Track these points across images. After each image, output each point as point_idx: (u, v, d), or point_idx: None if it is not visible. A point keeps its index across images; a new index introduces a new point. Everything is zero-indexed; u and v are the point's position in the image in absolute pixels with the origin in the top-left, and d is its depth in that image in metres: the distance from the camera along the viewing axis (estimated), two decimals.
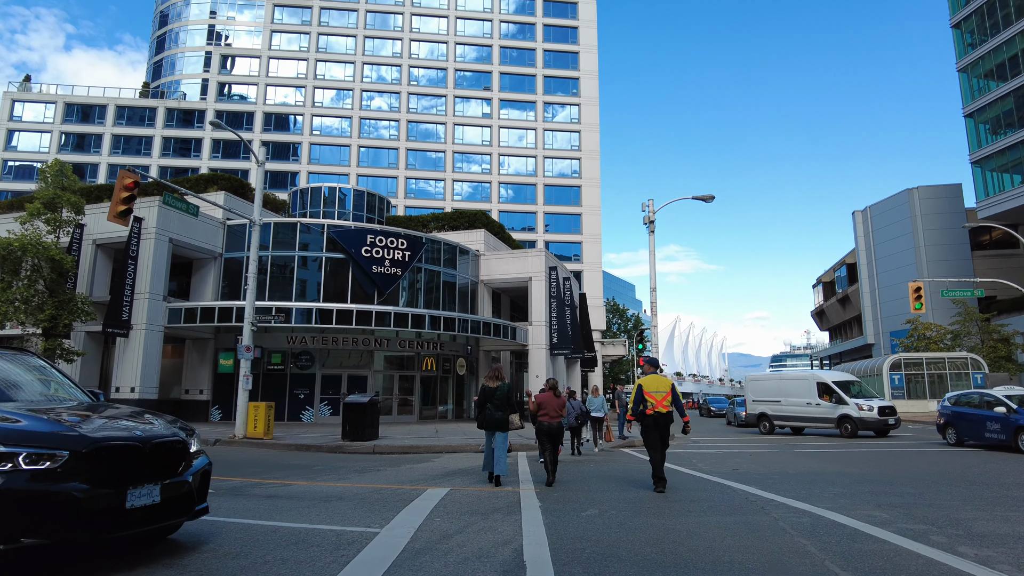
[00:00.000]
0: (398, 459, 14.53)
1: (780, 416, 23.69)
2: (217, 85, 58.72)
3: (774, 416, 23.88)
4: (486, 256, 33.29)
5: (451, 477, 10.82)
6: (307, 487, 9.36)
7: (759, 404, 24.78)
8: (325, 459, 14.51)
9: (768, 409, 24.23)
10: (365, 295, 27.02)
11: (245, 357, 19.23)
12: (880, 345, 65.18)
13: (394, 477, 10.76)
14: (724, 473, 11.45)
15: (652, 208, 25.33)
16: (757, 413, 24.67)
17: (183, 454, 5.02)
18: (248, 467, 12.35)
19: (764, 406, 24.51)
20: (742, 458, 14.68)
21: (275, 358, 26.81)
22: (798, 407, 23.02)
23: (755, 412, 24.82)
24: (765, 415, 24.26)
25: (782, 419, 23.64)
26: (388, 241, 27.53)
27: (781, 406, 23.70)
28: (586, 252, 57.58)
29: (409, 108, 60.07)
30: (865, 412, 20.90)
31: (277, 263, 27.10)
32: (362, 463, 13.51)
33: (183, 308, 24.72)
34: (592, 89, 61.15)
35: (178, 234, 25.47)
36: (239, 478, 10.31)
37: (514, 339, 30.27)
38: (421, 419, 28.62)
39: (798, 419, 23.13)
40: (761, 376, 27.20)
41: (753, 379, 26.55)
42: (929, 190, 61.45)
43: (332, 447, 17.01)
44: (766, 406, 24.40)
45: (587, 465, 13.22)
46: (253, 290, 19.64)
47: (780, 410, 23.73)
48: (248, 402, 18.90)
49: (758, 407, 24.75)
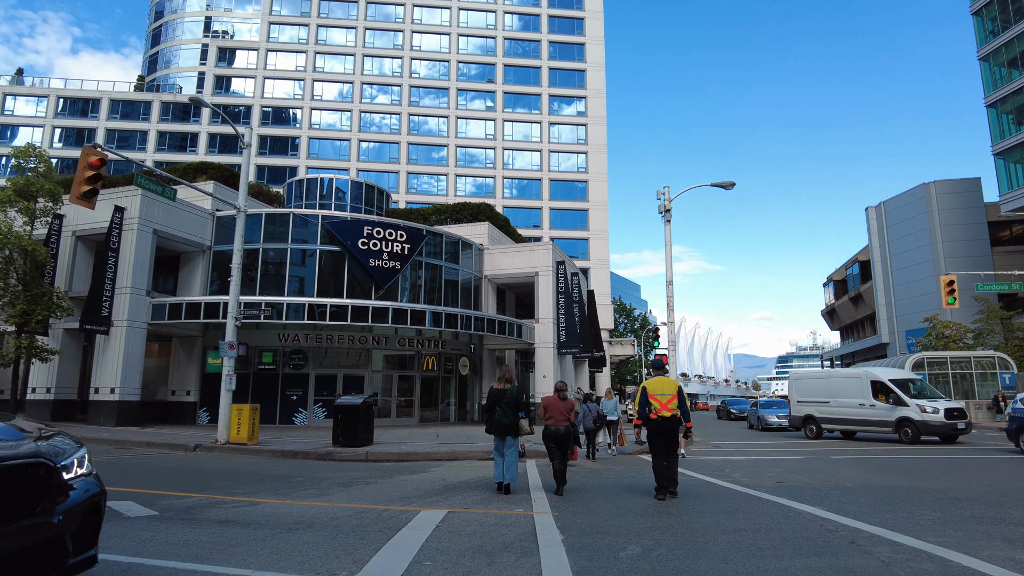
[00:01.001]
0: (392, 469, 12.93)
1: (829, 418, 21.36)
2: (214, 78, 57.27)
3: (822, 418, 21.55)
4: (490, 250, 31.67)
5: (450, 493, 9.21)
6: (276, 507, 7.76)
7: (805, 405, 22.44)
8: (310, 468, 12.93)
9: (815, 411, 21.87)
10: (362, 290, 25.45)
11: (228, 355, 17.69)
12: (895, 344, 63.27)
13: (383, 493, 9.16)
14: (770, 487, 9.80)
15: (668, 196, 23.67)
16: (803, 415, 22.37)
17: (45, 484, 3.40)
18: (219, 478, 10.76)
19: (811, 407, 22.13)
20: (781, 467, 13.02)
21: (266, 357, 25.25)
22: (849, 408, 20.65)
23: (800, 414, 22.53)
24: (812, 417, 21.95)
25: (831, 422, 21.33)
26: (386, 233, 25.95)
27: (830, 407, 21.33)
28: (593, 249, 55.87)
29: (411, 102, 58.50)
30: (929, 415, 18.39)
31: (269, 257, 25.55)
32: (351, 473, 11.92)
33: (167, 304, 23.18)
34: (599, 81, 59.45)
35: (163, 225, 23.96)
36: (200, 494, 8.72)
37: (520, 337, 28.64)
38: (421, 422, 27.01)
39: (849, 422, 20.77)
40: (807, 374, 24.84)
41: (799, 377, 24.17)
42: (947, 184, 59.60)
43: (321, 454, 15.43)
44: (813, 407, 22.03)
45: (607, 474, 11.59)
46: (237, 282, 18.10)
47: (829, 412, 21.36)
48: (231, 404, 17.34)
49: (804, 408, 22.44)
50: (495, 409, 8.89)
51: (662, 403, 8.42)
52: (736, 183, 22.55)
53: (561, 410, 9.40)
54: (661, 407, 8.40)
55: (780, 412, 25.93)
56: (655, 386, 8.64)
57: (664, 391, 8.53)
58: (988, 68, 48.46)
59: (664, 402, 8.43)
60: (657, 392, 8.53)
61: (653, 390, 8.58)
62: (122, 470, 11.92)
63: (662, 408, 8.40)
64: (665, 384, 8.63)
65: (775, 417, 25.84)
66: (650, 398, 8.53)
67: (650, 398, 8.53)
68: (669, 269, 23.32)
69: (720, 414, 42.43)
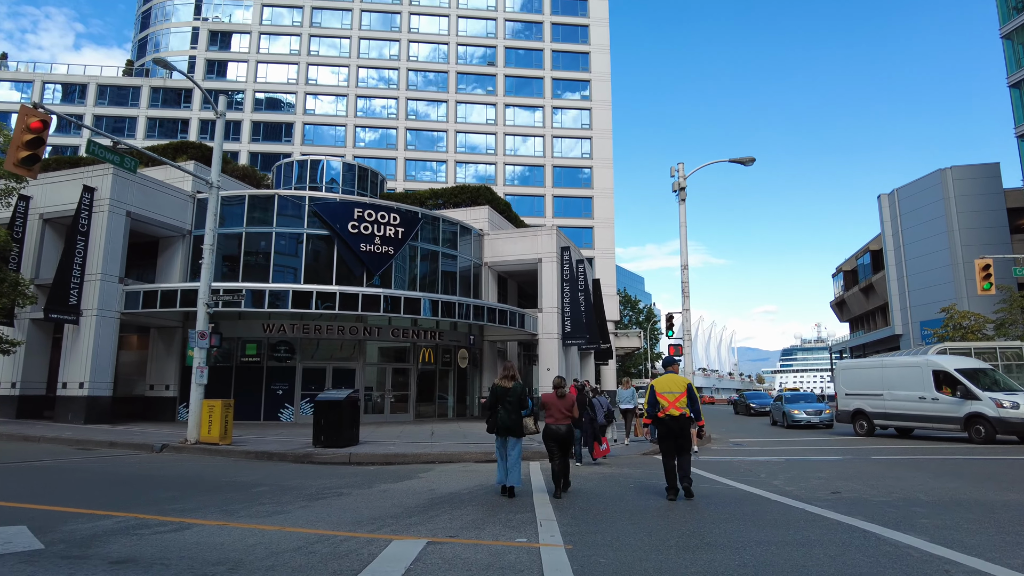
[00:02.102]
0: (375, 474, 11.20)
1: (882, 413, 19.05)
2: (205, 63, 55.35)
3: (874, 413, 19.23)
4: (491, 236, 29.88)
5: (436, 510, 7.48)
6: (207, 534, 6.03)
7: (854, 399, 20.19)
8: (282, 473, 11.22)
9: (867, 405, 19.49)
10: (353, 277, 23.70)
11: (200, 345, 15.98)
12: (909, 336, 61.36)
13: (353, 511, 7.43)
14: (826, 499, 8.05)
15: (682, 173, 21.85)
16: (852, 409, 20.15)
17: None
18: (167, 488, 9.05)
19: (861, 401, 19.80)
20: (825, 470, 11.26)
21: (250, 348, 23.55)
22: (907, 402, 18.31)
23: (849, 408, 20.33)
24: (862, 412, 19.65)
25: (885, 417, 19.02)
26: (379, 216, 24.17)
27: (883, 401, 18.99)
28: (598, 238, 53.96)
29: (409, 85, 56.50)
30: (1007, 410, 15.92)
31: (253, 242, 23.82)
32: (325, 481, 10.21)
33: (142, 291, 21.47)
34: (603, 64, 57.36)
35: (138, 207, 22.24)
36: (125, 512, 7.00)
37: (522, 327, 26.89)
38: (417, 418, 25.32)
39: (907, 417, 18.43)
40: (856, 363, 22.23)
41: (846, 367, 21.84)
42: (964, 170, 57.53)
43: (299, 455, 13.73)
44: (863, 401, 19.68)
45: (625, 481, 9.84)
46: (210, 265, 16.37)
47: (882, 406, 19.03)
48: (202, 399, 15.64)
49: (853, 402, 20.20)
50: (497, 408, 8.42)
51: (670, 401, 8.12)
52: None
53: (561, 408, 8.82)
54: (669, 405, 8.11)
55: (809, 407, 23.60)
56: (663, 384, 8.31)
57: (672, 389, 8.22)
58: (1011, 46, 46.34)
59: (672, 400, 8.12)
60: (665, 390, 8.23)
61: (661, 388, 8.27)
62: (57, 478, 10.23)
63: (670, 406, 8.10)
64: (674, 382, 8.29)
65: (803, 413, 23.30)
66: (658, 397, 8.24)
67: (658, 397, 8.24)
68: (684, 252, 21.52)
69: (737, 408, 38.92)
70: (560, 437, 8.61)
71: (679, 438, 8.11)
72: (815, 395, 25.03)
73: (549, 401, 9.02)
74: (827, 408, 23.33)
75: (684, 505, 7.80)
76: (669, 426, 8.09)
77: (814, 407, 23.44)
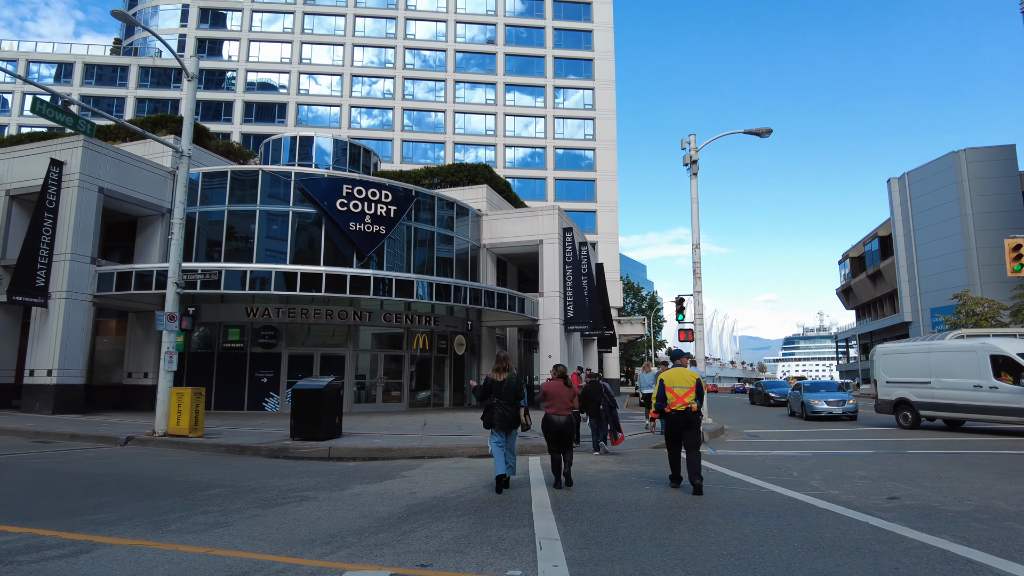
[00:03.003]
0: (353, 472, 9.86)
1: (930, 403, 17.14)
2: (196, 41, 53.57)
3: (920, 403, 17.35)
4: (489, 216, 28.39)
5: (414, 522, 6.12)
6: (106, 561, 4.68)
7: (896, 387, 18.26)
8: (247, 471, 9.88)
9: (911, 394, 17.62)
10: (342, 258, 22.28)
11: (168, 328, 14.61)
12: (919, 323, 59.96)
13: (310, 525, 6.06)
14: (883, 507, 6.68)
15: (694, 146, 20.33)
16: (893, 399, 18.20)
17: None
18: (101, 490, 7.71)
19: (904, 389, 17.89)
20: (865, 468, 9.88)
21: (232, 334, 22.19)
22: (959, 391, 16.44)
23: (890, 397, 18.38)
24: (906, 402, 17.73)
25: (933, 407, 17.11)
26: (369, 193, 22.69)
27: (931, 389, 17.13)
28: (601, 222, 52.39)
29: (406, 64, 54.69)
30: None
31: (235, 221, 22.40)
32: (293, 480, 8.88)
33: (115, 272, 20.06)
34: (607, 43, 55.48)
35: (113, 183, 20.80)
36: (23, 527, 5.65)
37: (522, 312, 25.47)
38: (411, 407, 23.99)
39: (959, 408, 16.51)
40: (899, 348, 19.98)
41: (887, 352, 19.79)
42: (978, 152, 55.83)
43: (274, 449, 12.41)
44: (907, 389, 17.80)
45: (639, 478, 8.46)
46: (179, 241, 14.94)
47: (930, 395, 17.13)
48: (171, 387, 14.30)
49: (895, 391, 18.26)
50: (495, 402, 8.08)
51: (678, 396, 7.93)
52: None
53: (563, 398, 8.43)
54: (677, 400, 7.92)
55: (831, 396, 21.60)
56: (672, 378, 8.08)
57: (682, 383, 8.00)
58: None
59: (681, 395, 7.93)
60: (675, 384, 8.02)
61: (671, 382, 8.05)
62: None
63: (678, 401, 7.92)
64: (683, 376, 8.07)
65: (823, 403, 21.33)
66: (667, 391, 8.03)
67: (667, 391, 8.03)
68: (696, 230, 20.05)
69: (754, 398, 35.46)
70: (559, 428, 8.22)
71: (686, 432, 7.93)
72: (836, 383, 23.26)
73: (551, 390, 8.54)
74: (851, 398, 21.57)
75: (715, 515, 6.44)
76: (676, 421, 7.94)
77: (836, 397, 21.61)
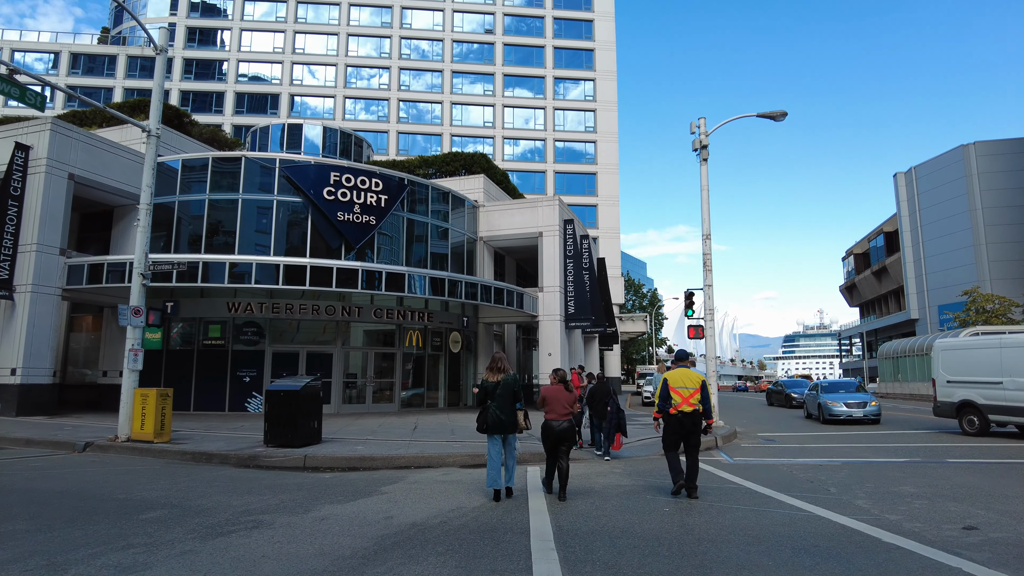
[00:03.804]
0: (325, 487, 8.61)
1: (1001, 407, 15.06)
2: (186, 30, 52.19)
3: (989, 406, 15.29)
4: (486, 208, 27.11)
5: (382, 562, 4.90)
6: None
7: (959, 387, 16.26)
8: (204, 484, 8.63)
9: (978, 395, 15.56)
10: (329, 250, 21.01)
11: (133, 323, 13.41)
12: (926, 320, 58.74)
13: (250, 566, 4.81)
14: (967, 541, 5.45)
15: (704, 130, 19.09)
16: (956, 401, 16.19)
17: None
18: (16, 514, 6.44)
19: (969, 390, 15.89)
20: (914, 482, 8.65)
21: (213, 330, 20.93)
22: None
23: (952, 399, 16.37)
24: (971, 405, 15.71)
25: (1004, 411, 15.03)
26: (358, 181, 21.40)
27: (1004, 391, 15.00)
28: (602, 216, 51.10)
29: (401, 55, 53.32)
30: None
31: (217, 211, 21.13)
32: (254, 498, 7.63)
33: (85, 264, 18.79)
34: (608, 32, 54.14)
35: (84, 169, 19.55)
36: None
37: (521, 308, 24.22)
38: (404, 408, 22.75)
39: None
40: (962, 343, 17.87)
41: (949, 348, 17.59)
42: (989, 145, 54.57)
43: (244, 457, 11.18)
44: (973, 390, 15.77)
45: (653, 494, 7.21)
46: (146, 227, 13.74)
47: (1001, 397, 15.04)
48: (135, 388, 13.07)
49: (957, 392, 16.25)
50: (488, 404, 7.75)
51: (684, 397, 7.78)
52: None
53: (563, 402, 8.01)
54: (683, 401, 7.77)
55: (851, 398, 19.60)
56: (677, 378, 7.92)
57: (686, 384, 7.85)
58: None
59: (686, 396, 7.78)
60: (679, 385, 7.87)
61: (675, 383, 7.89)
62: None
63: (684, 402, 7.76)
64: (688, 376, 7.91)
65: (843, 405, 19.27)
66: (671, 391, 7.88)
67: (671, 391, 7.88)
68: (706, 219, 18.81)
69: (772, 399, 31.94)
70: (560, 435, 7.75)
71: (691, 435, 7.78)
72: (855, 383, 21.68)
73: (550, 395, 8.05)
74: (872, 399, 19.70)
75: (760, 553, 5.19)
76: (682, 422, 7.76)
77: (857, 398, 19.68)
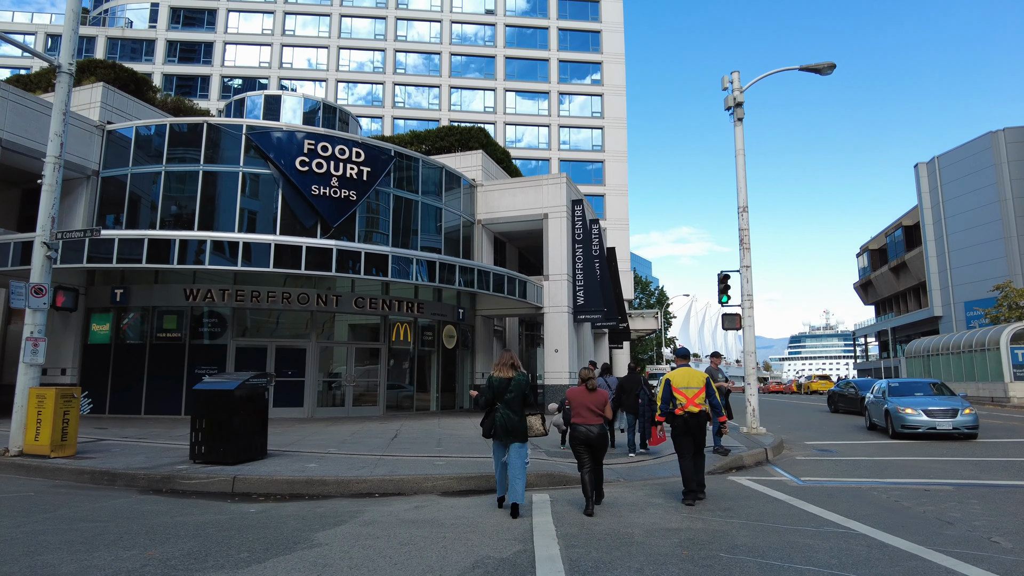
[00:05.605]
0: (238, 529, 5.76)
1: None
2: (169, 11, 49.44)
3: None
4: (485, 187, 24.28)
5: None
6: None
7: None
8: (67, 523, 5.81)
9: None
10: (302, 228, 18.21)
11: (33, 305, 10.62)
12: (951, 318, 55.70)
13: None
14: None
15: (737, 84, 16.25)
16: None
17: None
18: None
19: None
20: None
21: (168, 322, 18.13)
22: None
23: None
24: None
25: None
26: (336, 151, 18.59)
27: None
28: (610, 207, 48.21)
29: (397, 36, 50.54)
30: None
31: (173, 184, 18.34)
32: (108, 556, 4.78)
33: (12, 243, 16.04)
34: (615, 13, 51.28)
35: (14, 134, 16.79)
36: None
37: (524, 297, 21.36)
38: (389, 411, 19.92)
39: None
40: None
41: None
42: (1019, 132, 51.78)
43: (157, 478, 8.42)
44: None
45: (706, 524, 4.41)
46: (51, 186, 11.01)
47: None
48: (30, 388, 10.27)
49: None
50: (496, 406, 6.82)
51: (688, 398, 7.43)
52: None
53: (589, 405, 7.02)
54: (688, 402, 7.41)
55: (934, 404, 13.89)
56: (680, 378, 7.57)
57: (691, 384, 7.50)
58: None
59: (691, 397, 7.43)
60: (682, 385, 7.51)
61: (678, 383, 7.53)
62: None
63: (689, 403, 7.41)
64: (691, 376, 7.58)
65: (922, 413, 13.62)
66: (675, 392, 7.49)
67: (675, 392, 7.49)
68: (743, 189, 15.96)
69: (836, 403, 25.58)
70: (591, 441, 6.99)
71: (697, 435, 7.43)
72: (927, 383, 16.98)
73: (576, 396, 7.18)
74: (967, 406, 13.82)
75: None
76: (688, 423, 7.40)
77: (942, 403, 13.86)
